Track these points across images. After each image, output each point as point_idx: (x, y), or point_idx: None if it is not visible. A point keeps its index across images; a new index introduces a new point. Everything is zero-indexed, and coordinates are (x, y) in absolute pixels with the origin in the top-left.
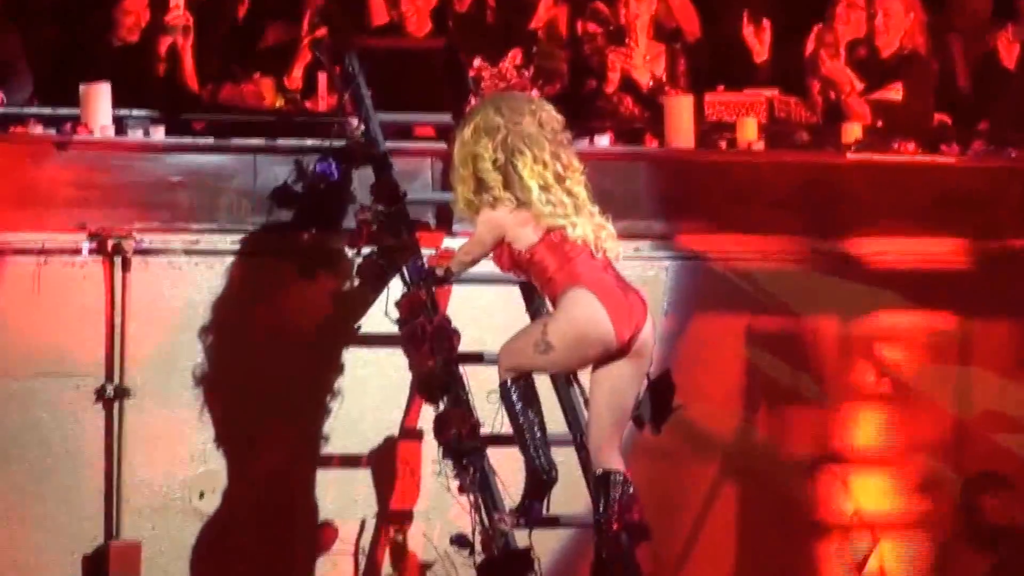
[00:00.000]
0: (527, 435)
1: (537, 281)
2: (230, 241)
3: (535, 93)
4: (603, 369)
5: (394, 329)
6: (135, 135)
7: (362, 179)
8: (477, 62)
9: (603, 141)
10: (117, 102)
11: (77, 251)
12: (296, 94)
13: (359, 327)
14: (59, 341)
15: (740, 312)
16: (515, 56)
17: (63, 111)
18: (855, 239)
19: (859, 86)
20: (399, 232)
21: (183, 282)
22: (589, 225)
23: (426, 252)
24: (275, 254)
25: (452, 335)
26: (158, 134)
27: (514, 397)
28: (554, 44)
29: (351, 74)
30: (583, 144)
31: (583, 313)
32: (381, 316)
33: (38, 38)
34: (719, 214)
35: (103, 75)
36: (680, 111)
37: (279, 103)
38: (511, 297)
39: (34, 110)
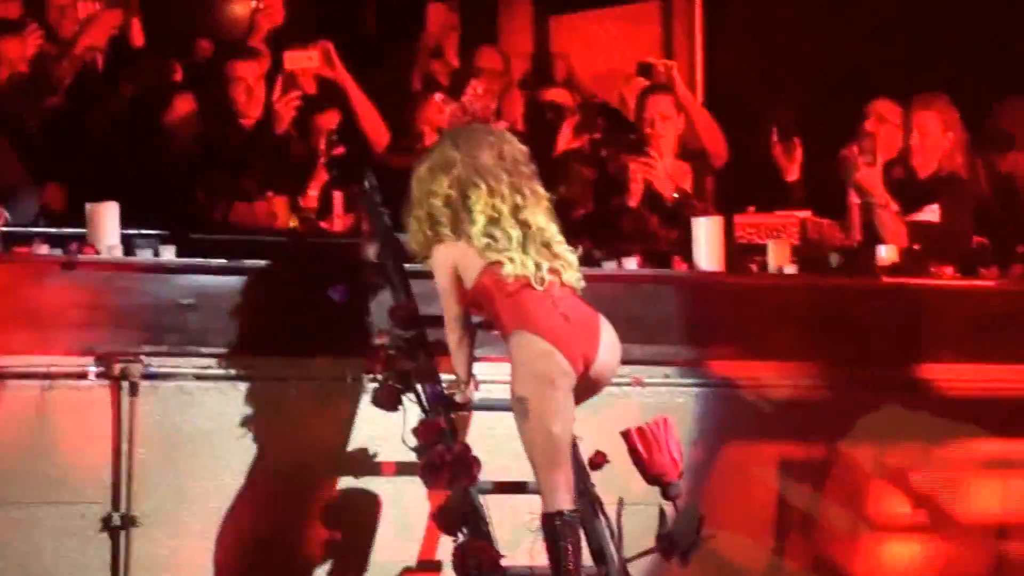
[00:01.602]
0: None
1: (487, 316)
2: (242, 366)
3: (501, 124)
4: None
5: (412, 456)
6: (144, 255)
7: (379, 302)
8: (439, 96)
9: (631, 264)
10: (125, 220)
11: (83, 375)
12: (311, 213)
13: (375, 455)
14: (64, 467)
15: (771, 440)
16: (475, 87)
17: (69, 231)
18: (891, 366)
19: (895, 207)
20: (417, 356)
21: (193, 408)
22: (531, 259)
23: (445, 378)
24: (289, 379)
25: (472, 463)
26: (168, 254)
27: (557, 530)
28: (579, 166)
29: (368, 193)
30: (611, 266)
31: (530, 354)
32: (398, 443)
33: (42, 152)
34: (750, 339)
35: (111, 193)
36: (710, 233)
37: (293, 223)
38: None
39: (39, 229)
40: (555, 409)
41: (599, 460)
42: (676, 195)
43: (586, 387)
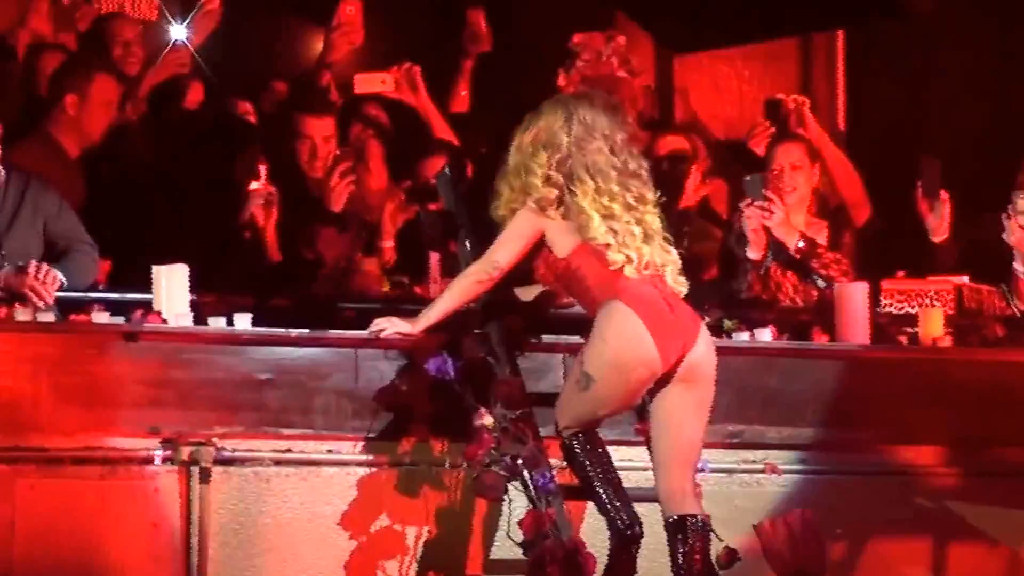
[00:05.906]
0: (600, 491)
1: (576, 294)
2: (326, 449)
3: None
4: (658, 400)
5: (518, 553)
6: (216, 325)
7: (482, 377)
8: (579, 36)
9: (764, 335)
10: (195, 285)
11: (148, 460)
12: (403, 277)
13: (477, 551)
14: (127, 565)
15: (926, 535)
16: (622, 42)
17: (132, 296)
18: None
19: None
20: (525, 439)
21: (271, 496)
22: (655, 253)
23: (555, 463)
24: (378, 464)
25: (587, 561)
26: (243, 323)
27: (577, 450)
28: (708, 224)
29: (467, 253)
30: (743, 338)
31: (619, 330)
32: (503, 537)
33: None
34: (899, 421)
35: (179, 255)
36: (853, 300)
37: (384, 288)
38: (655, 515)
39: (99, 295)
40: (615, 398)
41: (729, 557)
42: (801, 244)
43: (683, 382)
